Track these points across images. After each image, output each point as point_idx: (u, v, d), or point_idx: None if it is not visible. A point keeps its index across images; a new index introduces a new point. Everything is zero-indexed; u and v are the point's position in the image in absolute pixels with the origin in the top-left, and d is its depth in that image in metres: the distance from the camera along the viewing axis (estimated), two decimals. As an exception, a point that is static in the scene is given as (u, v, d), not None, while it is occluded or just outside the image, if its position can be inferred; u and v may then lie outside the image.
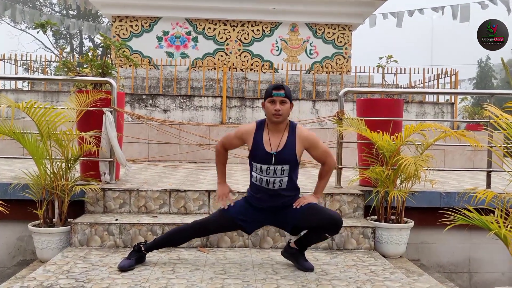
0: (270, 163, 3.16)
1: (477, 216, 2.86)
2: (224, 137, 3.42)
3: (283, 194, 3.24)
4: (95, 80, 4.73)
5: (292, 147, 3.19)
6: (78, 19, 23.01)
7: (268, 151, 3.17)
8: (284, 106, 3.14)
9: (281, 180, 3.19)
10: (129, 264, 3.25)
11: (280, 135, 3.21)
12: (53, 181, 3.89)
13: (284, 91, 3.14)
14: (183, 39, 11.41)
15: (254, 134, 3.23)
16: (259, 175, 3.22)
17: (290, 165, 3.18)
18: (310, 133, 3.29)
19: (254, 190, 3.30)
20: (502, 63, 3.13)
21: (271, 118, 3.17)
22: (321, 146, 3.29)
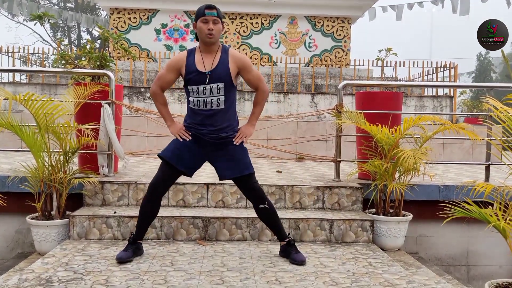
0: (205, 82, 3.15)
1: (476, 209, 2.86)
2: (157, 78, 3.35)
3: (222, 116, 3.21)
4: (93, 72, 4.71)
5: (226, 65, 3.18)
6: (76, 11, 22.89)
7: (201, 70, 3.16)
8: (216, 26, 3.14)
9: (218, 99, 3.18)
10: (126, 255, 3.25)
11: (213, 55, 3.20)
12: (51, 174, 3.88)
13: (216, 11, 3.15)
14: (181, 31, 11.37)
15: (186, 59, 3.21)
16: (196, 98, 3.19)
17: (225, 82, 3.17)
18: (244, 55, 3.34)
19: (192, 116, 3.27)
20: (502, 56, 3.11)
21: (204, 38, 3.15)
22: (254, 70, 3.31)
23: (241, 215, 4.00)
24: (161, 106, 3.41)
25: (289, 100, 9.20)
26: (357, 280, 3.02)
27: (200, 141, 3.27)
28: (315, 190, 4.38)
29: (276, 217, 3.42)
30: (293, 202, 4.37)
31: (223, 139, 3.25)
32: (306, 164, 6.55)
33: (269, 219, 3.40)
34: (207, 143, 3.26)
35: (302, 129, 7.63)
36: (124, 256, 3.24)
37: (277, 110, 9.10)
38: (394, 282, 3.01)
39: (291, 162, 6.72)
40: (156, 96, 3.39)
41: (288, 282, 2.93)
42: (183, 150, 3.27)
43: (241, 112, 8.88)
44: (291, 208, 4.35)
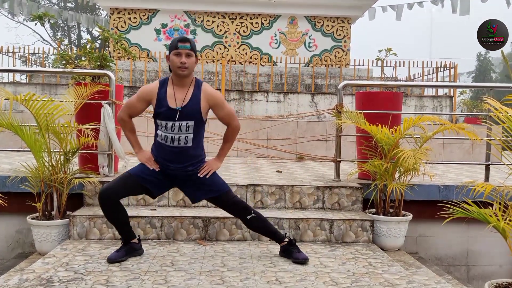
0: (174, 118, 3.10)
1: (475, 209, 2.87)
2: (126, 105, 3.29)
3: (189, 153, 3.18)
4: (93, 72, 4.71)
5: (197, 102, 3.13)
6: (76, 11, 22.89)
7: (172, 106, 3.10)
8: (189, 59, 3.09)
9: (186, 137, 3.14)
10: (116, 256, 3.24)
11: (186, 90, 3.15)
12: (51, 174, 3.88)
13: (189, 44, 3.09)
14: (181, 31, 11.37)
15: (158, 91, 3.15)
16: (164, 133, 3.15)
17: (194, 121, 3.13)
18: (217, 91, 3.28)
19: (159, 150, 3.22)
20: (502, 56, 3.12)
21: (176, 71, 3.10)
22: (226, 107, 3.26)
23: (241, 215, 4.00)
24: (129, 133, 3.36)
25: (289, 100, 9.20)
26: (357, 280, 3.03)
27: (168, 174, 3.24)
28: (315, 190, 4.39)
29: (266, 222, 3.43)
30: (293, 202, 4.37)
31: (190, 171, 3.24)
32: (306, 164, 6.56)
33: (260, 226, 3.41)
34: (175, 176, 3.25)
35: (302, 129, 7.63)
36: (113, 256, 3.24)
37: (277, 110, 9.11)
38: (394, 282, 3.01)
39: (291, 162, 6.73)
40: (124, 123, 3.34)
41: (288, 282, 2.94)
42: (151, 175, 3.24)
43: (240, 112, 8.89)
44: (291, 208, 4.35)
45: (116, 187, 3.18)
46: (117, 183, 3.21)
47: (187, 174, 3.24)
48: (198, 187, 3.28)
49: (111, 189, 3.17)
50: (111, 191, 3.16)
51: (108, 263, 3.20)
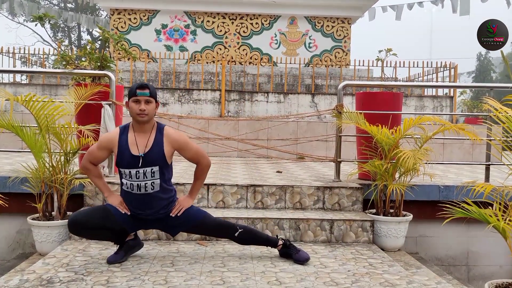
0: (138, 166, 3.05)
1: (475, 209, 2.87)
2: (87, 153, 3.25)
3: (158, 198, 3.14)
4: (94, 73, 4.71)
5: (160, 147, 3.08)
6: (76, 12, 22.90)
7: (134, 153, 3.06)
8: (149, 106, 3.04)
9: (152, 183, 3.09)
10: (115, 258, 3.23)
11: (147, 136, 3.11)
12: (52, 175, 3.88)
13: (149, 90, 3.04)
14: (181, 32, 11.37)
15: (119, 139, 3.11)
16: (129, 181, 3.09)
17: (159, 165, 3.08)
18: (179, 133, 3.22)
19: (128, 199, 3.17)
20: (502, 56, 3.12)
21: (136, 117, 3.05)
22: (191, 147, 3.19)
23: (242, 215, 4.00)
24: (95, 179, 3.31)
25: (289, 101, 9.20)
26: (358, 280, 3.03)
27: (140, 218, 3.22)
28: (316, 191, 4.39)
29: (256, 232, 3.44)
30: (294, 203, 4.37)
31: (162, 214, 3.22)
32: (306, 165, 6.56)
33: (251, 238, 3.41)
34: (147, 219, 3.23)
35: (302, 129, 7.63)
36: (112, 259, 3.23)
37: (277, 111, 9.11)
38: (394, 282, 3.02)
39: (291, 163, 6.73)
40: (88, 171, 3.29)
41: (289, 282, 2.94)
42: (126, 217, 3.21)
43: (240, 113, 8.89)
44: (291, 209, 4.35)
45: (89, 217, 3.12)
46: (91, 213, 3.16)
47: (159, 217, 3.23)
48: (173, 225, 3.27)
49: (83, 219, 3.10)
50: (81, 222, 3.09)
51: (108, 264, 3.20)
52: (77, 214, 3.17)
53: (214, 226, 3.33)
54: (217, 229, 3.35)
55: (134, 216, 3.22)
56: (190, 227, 3.30)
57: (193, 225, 3.28)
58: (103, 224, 3.13)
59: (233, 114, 8.84)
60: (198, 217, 3.28)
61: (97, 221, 3.12)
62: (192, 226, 3.30)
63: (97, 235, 3.28)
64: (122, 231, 3.24)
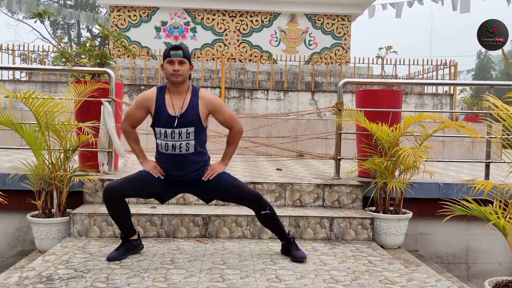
0: (173, 126, 3.09)
1: (475, 207, 2.87)
2: (126, 115, 3.29)
3: (192, 160, 3.17)
4: (93, 70, 4.71)
5: (195, 108, 3.13)
6: (75, 9, 22.86)
7: (171, 113, 3.10)
8: (183, 67, 3.09)
9: (187, 144, 3.12)
10: (115, 255, 3.23)
11: (183, 97, 3.15)
12: (51, 172, 3.88)
13: (182, 51, 3.09)
14: (181, 29, 11.36)
15: (156, 99, 3.15)
16: (164, 141, 3.13)
17: (194, 127, 3.12)
18: (214, 96, 3.27)
19: (162, 159, 3.20)
20: (502, 54, 3.11)
21: (170, 78, 3.11)
22: (226, 110, 3.25)
23: (241, 213, 4.00)
24: (132, 142, 3.35)
25: (289, 98, 9.20)
26: (357, 278, 3.03)
27: (173, 181, 3.24)
28: (315, 188, 4.39)
29: (277, 219, 3.41)
30: (293, 200, 4.37)
31: (195, 176, 3.23)
32: (306, 162, 6.56)
33: (271, 224, 3.40)
34: (180, 182, 3.25)
35: (302, 127, 7.63)
36: (113, 255, 3.23)
37: (277, 108, 9.10)
38: (394, 280, 3.02)
39: (291, 160, 6.73)
40: (127, 134, 3.33)
41: (288, 280, 2.94)
42: (162, 182, 3.23)
43: (240, 110, 8.88)
44: (291, 206, 4.35)
45: (125, 186, 3.18)
46: (126, 182, 3.21)
47: (191, 180, 3.24)
48: (206, 189, 3.27)
49: (119, 187, 3.16)
50: (119, 190, 3.15)
51: (108, 261, 3.20)
52: (113, 183, 3.19)
53: (246, 192, 3.29)
54: (248, 198, 3.29)
55: (168, 179, 3.23)
56: (222, 191, 3.25)
57: (225, 187, 3.23)
58: (139, 192, 3.24)
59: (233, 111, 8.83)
60: (229, 180, 3.26)
61: (132, 189, 3.20)
62: (224, 190, 3.24)
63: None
64: (157, 198, 3.30)
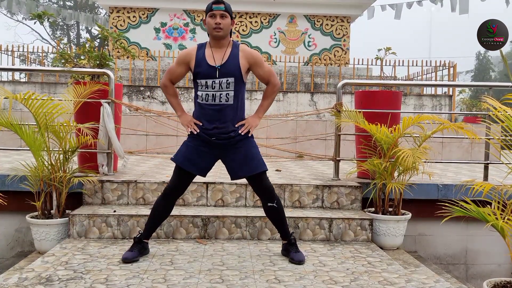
0: (215, 76, 3.14)
1: (474, 208, 2.87)
2: (167, 71, 3.36)
3: (231, 112, 3.20)
4: (93, 71, 4.71)
5: (236, 60, 3.17)
6: (75, 10, 22.86)
7: (211, 64, 3.15)
8: (224, 20, 3.13)
9: (227, 94, 3.16)
10: (132, 255, 3.24)
11: (224, 50, 3.20)
12: (51, 173, 3.88)
13: (224, 5, 3.15)
14: (181, 30, 11.36)
15: (196, 53, 3.22)
16: (205, 92, 3.17)
17: (234, 77, 3.16)
18: (255, 50, 3.33)
19: (200, 112, 3.24)
20: (501, 55, 3.12)
21: (212, 32, 3.15)
22: (265, 65, 3.29)
23: (241, 214, 4.00)
24: (171, 97, 3.42)
25: (288, 99, 9.21)
26: (356, 278, 3.03)
27: (210, 143, 3.24)
28: (315, 189, 4.39)
29: (283, 216, 3.42)
30: (293, 201, 4.38)
31: (232, 138, 3.23)
32: (305, 163, 6.56)
33: (276, 217, 3.40)
34: (217, 145, 3.24)
35: (302, 128, 7.64)
36: (130, 256, 3.23)
37: (276, 109, 9.11)
38: (393, 281, 3.02)
39: (290, 161, 6.73)
40: (166, 88, 3.40)
41: (288, 281, 2.94)
42: (194, 153, 3.25)
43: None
44: (290, 207, 4.35)
45: (175, 183, 3.31)
46: (176, 179, 3.30)
47: (229, 142, 3.23)
48: (240, 162, 3.26)
49: (176, 188, 3.31)
50: (175, 189, 3.31)
51: (124, 263, 3.19)
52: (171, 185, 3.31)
53: (264, 186, 3.32)
54: (263, 190, 3.31)
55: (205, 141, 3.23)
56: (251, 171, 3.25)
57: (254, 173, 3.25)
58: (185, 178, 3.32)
59: (232, 113, 8.83)
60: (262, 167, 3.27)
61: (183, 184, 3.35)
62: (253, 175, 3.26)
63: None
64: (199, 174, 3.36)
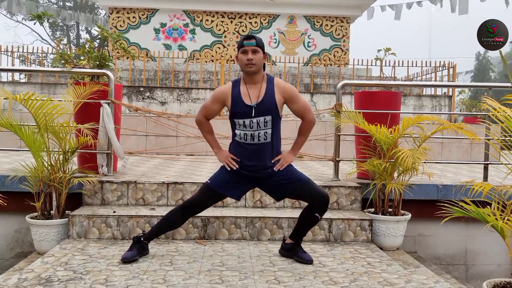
0: (251, 115, 3.11)
1: (474, 209, 2.88)
2: (202, 107, 3.34)
3: (269, 149, 3.19)
4: (93, 72, 4.71)
5: (272, 96, 3.14)
6: (75, 10, 22.87)
7: (248, 103, 3.12)
8: (256, 56, 3.11)
9: (265, 133, 3.15)
10: (131, 255, 3.24)
11: (259, 87, 3.17)
12: (50, 173, 3.88)
13: (255, 41, 3.13)
14: (180, 31, 11.36)
15: (232, 92, 3.18)
16: (243, 131, 3.16)
17: (272, 115, 3.13)
18: (289, 85, 3.28)
19: (239, 150, 3.23)
20: (500, 56, 3.12)
21: (244, 68, 3.13)
22: (300, 99, 3.25)
23: (240, 214, 4.00)
24: (206, 134, 3.42)
25: (288, 100, 9.19)
26: (356, 279, 3.03)
27: (247, 175, 3.25)
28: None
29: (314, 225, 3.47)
30: (292, 202, 4.37)
31: (270, 169, 3.23)
32: (305, 164, 6.56)
33: (308, 225, 3.42)
34: (254, 176, 3.25)
35: (301, 128, 7.62)
36: (129, 256, 3.23)
37: (276, 110, 9.10)
38: (392, 281, 3.02)
39: (290, 162, 6.72)
40: (201, 125, 3.39)
41: (287, 281, 2.94)
42: (232, 181, 3.26)
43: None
44: (290, 208, 4.35)
45: (200, 201, 3.30)
46: (202, 198, 3.30)
47: (264, 174, 3.24)
48: (277, 184, 3.26)
49: (197, 204, 3.31)
50: (197, 207, 3.32)
51: (123, 263, 3.19)
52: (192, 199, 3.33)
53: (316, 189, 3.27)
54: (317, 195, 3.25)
55: (242, 174, 3.23)
56: (293, 186, 3.24)
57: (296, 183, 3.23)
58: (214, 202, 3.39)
59: (232, 113, 8.83)
60: (302, 176, 3.26)
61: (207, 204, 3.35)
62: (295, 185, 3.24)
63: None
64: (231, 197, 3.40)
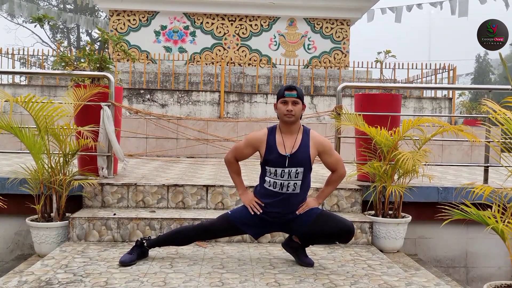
0: (284, 165, 3.13)
1: (474, 211, 2.87)
2: (234, 149, 3.36)
3: (296, 200, 3.21)
4: (93, 74, 4.71)
5: (306, 149, 3.16)
6: (75, 13, 22.89)
7: (282, 153, 3.14)
8: (296, 107, 3.13)
9: (295, 184, 3.16)
10: (130, 259, 3.24)
11: (294, 137, 3.19)
12: (51, 176, 3.88)
13: (296, 92, 3.13)
14: (181, 33, 11.37)
15: (267, 139, 3.20)
16: (273, 179, 3.17)
17: (304, 167, 3.15)
18: (324, 138, 3.29)
19: (264, 194, 3.24)
20: (500, 58, 3.13)
21: (283, 118, 3.15)
22: (334, 153, 3.28)
23: (241, 217, 3.99)
24: (234, 174, 3.42)
25: (288, 102, 9.18)
26: (356, 282, 3.03)
27: (268, 220, 3.26)
28: (314, 192, 4.38)
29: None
30: (293, 204, 4.37)
31: (291, 216, 3.25)
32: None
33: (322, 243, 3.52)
34: (275, 222, 3.27)
35: (301, 130, 7.62)
36: (127, 259, 3.24)
37: (276, 112, 9.10)
38: (393, 284, 3.02)
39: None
40: (230, 165, 3.40)
41: (288, 284, 2.94)
42: (253, 221, 3.27)
43: (240, 114, 8.89)
44: (290, 210, 4.35)
45: (216, 230, 3.36)
46: (220, 228, 3.33)
47: (286, 219, 3.26)
48: (297, 226, 3.27)
49: (213, 232, 3.38)
50: (212, 234, 3.44)
51: (121, 266, 3.19)
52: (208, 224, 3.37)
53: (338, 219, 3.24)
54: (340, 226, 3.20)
55: (263, 218, 3.25)
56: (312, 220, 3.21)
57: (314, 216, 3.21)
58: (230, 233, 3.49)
59: (232, 116, 8.84)
60: (316, 210, 3.26)
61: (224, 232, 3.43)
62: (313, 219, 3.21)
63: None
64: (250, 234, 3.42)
